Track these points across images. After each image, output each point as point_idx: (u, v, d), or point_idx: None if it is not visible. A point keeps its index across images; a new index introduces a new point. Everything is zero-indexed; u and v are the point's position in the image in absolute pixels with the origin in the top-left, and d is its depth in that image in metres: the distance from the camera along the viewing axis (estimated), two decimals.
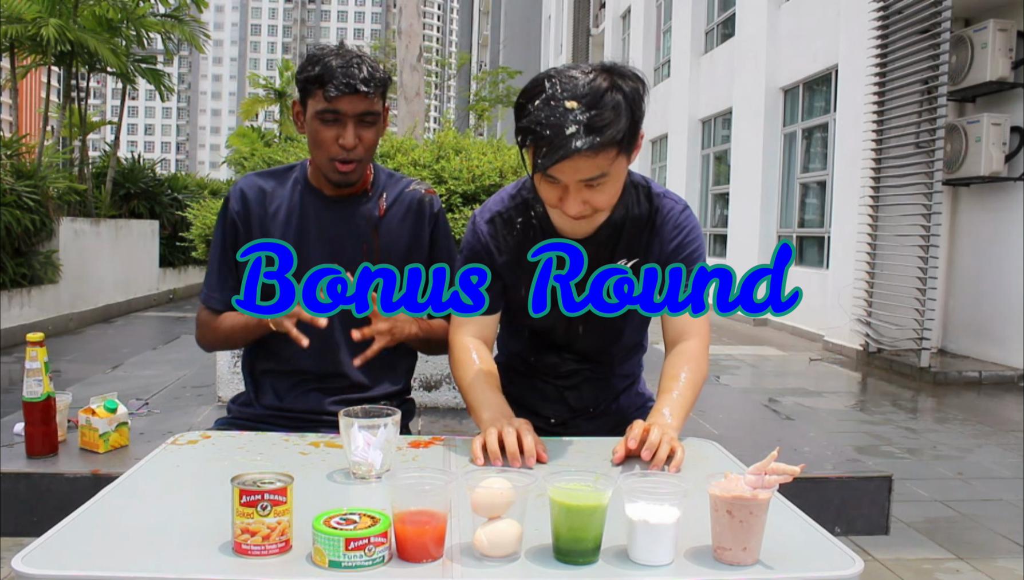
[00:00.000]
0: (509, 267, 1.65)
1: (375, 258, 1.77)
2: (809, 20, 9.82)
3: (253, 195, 1.80)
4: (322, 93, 1.66)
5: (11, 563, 0.97)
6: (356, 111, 1.68)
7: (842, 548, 1.07)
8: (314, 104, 1.69)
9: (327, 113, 1.67)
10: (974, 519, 3.51)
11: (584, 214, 1.48)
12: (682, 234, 1.64)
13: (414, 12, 6.06)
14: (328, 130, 1.69)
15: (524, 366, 1.80)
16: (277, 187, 1.81)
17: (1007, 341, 7.04)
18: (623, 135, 1.41)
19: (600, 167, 1.42)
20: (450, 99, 69.79)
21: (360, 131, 1.70)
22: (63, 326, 8.80)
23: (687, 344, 1.64)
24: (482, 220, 1.67)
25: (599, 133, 1.37)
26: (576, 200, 1.45)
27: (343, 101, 1.66)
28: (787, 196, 10.63)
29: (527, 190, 1.65)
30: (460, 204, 3.37)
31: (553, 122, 1.37)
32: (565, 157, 1.37)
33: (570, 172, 1.41)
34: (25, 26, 9.44)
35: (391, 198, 1.82)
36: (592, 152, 1.38)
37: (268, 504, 1.01)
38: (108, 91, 66.08)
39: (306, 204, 1.79)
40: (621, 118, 1.39)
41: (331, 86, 1.65)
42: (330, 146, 1.70)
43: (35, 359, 2.00)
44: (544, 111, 1.39)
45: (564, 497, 1.02)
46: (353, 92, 1.65)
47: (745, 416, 3.58)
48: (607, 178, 1.44)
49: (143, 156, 14.00)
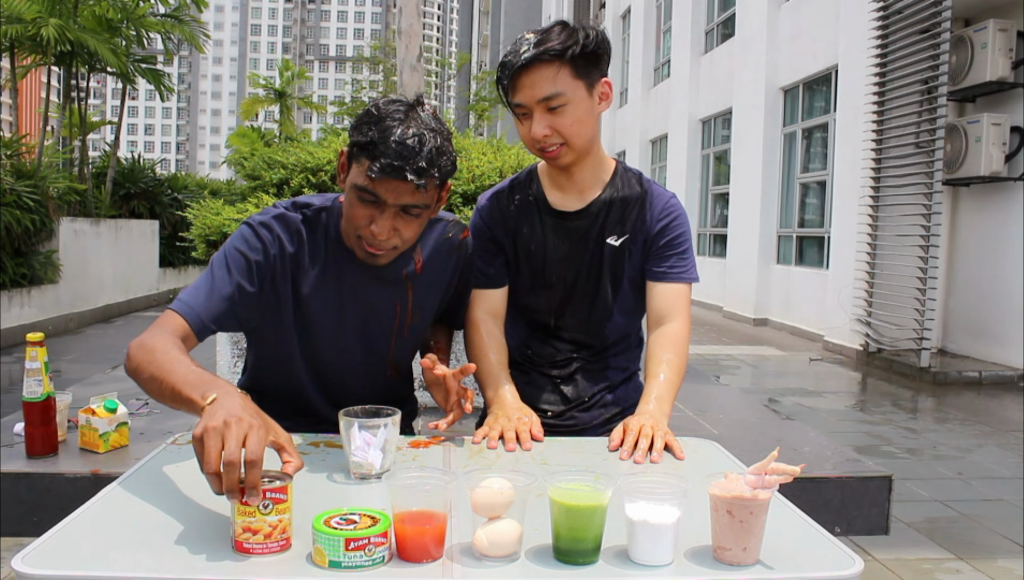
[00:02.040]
0: (508, 241, 1.76)
1: (407, 318, 1.63)
2: (809, 20, 9.82)
3: (292, 251, 1.51)
4: (367, 165, 1.37)
5: (11, 563, 0.97)
6: (399, 201, 1.39)
7: (842, 548, 1.07)
8: (356, 172, 1.40)
9: (366, 193, 1.39)
10: (974, 519, 3.51)
11: (550, 141, 1.59)
12: (670, 216, 1.74)
13: (414, 12, 6.06)
14: (362, 209, 1.41)
15: (521, 358, 1.84)
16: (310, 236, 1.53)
17: (1007, 341, 7.04)
18: (571, 50, 1.54)
19: (554, 84, 1.55)
20: (450, 99, 69.79)
21: (399, 223, 1.42)
22: (63, 326, 8.80)
23: (670, 326, 1.72)
24: (484, 199, 1.79)
25: (545, 45, 1.54)
26: (540, 124, 1.58)
27: (385, 186, 1.37)
28: (787, 196, 10.63)
29: (526, 173, 1.79)
30: (460, 204, 3.37)
31: (513, 50, 1.58)
32: (517, 71, 1.55)
33: (527, 91, 1.57)
34: (25, 26, 9.45)
35: (427, 251, 1.62)
36: (540, 65, 1.54)
37: (270, 502, 1.01)
38: (108, 91, 66.08)
39: (337, 262, 1.54)
40: (571, 40, 1.55)
41: (378, 165, 1.34)
42: (361, 226, 1.43)
43: (35, 359, 2.00)
44: (511, 49, 1.59)
45: (564, 497, 1.02)
46: (401, 179, 1.36)
47: (745, 416, 3.58)
48: (566, 99, 1.57)
49: (143, 156, 14.01)
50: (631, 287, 1.77)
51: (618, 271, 1.75)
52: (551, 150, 1.61)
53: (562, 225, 1.73)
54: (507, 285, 1.79)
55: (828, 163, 9.51)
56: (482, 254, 1.76)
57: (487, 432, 1.57)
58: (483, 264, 1.76)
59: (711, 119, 13.53)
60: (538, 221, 1.74)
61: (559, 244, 1.73)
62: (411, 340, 1.71)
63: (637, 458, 1.44)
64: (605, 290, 1.75)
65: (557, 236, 1.73)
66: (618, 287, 1.76)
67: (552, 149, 1.61)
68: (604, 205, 1.72)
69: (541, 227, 1.74)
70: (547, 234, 1.73)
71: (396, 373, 1.73)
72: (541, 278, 1.76)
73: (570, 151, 1.63)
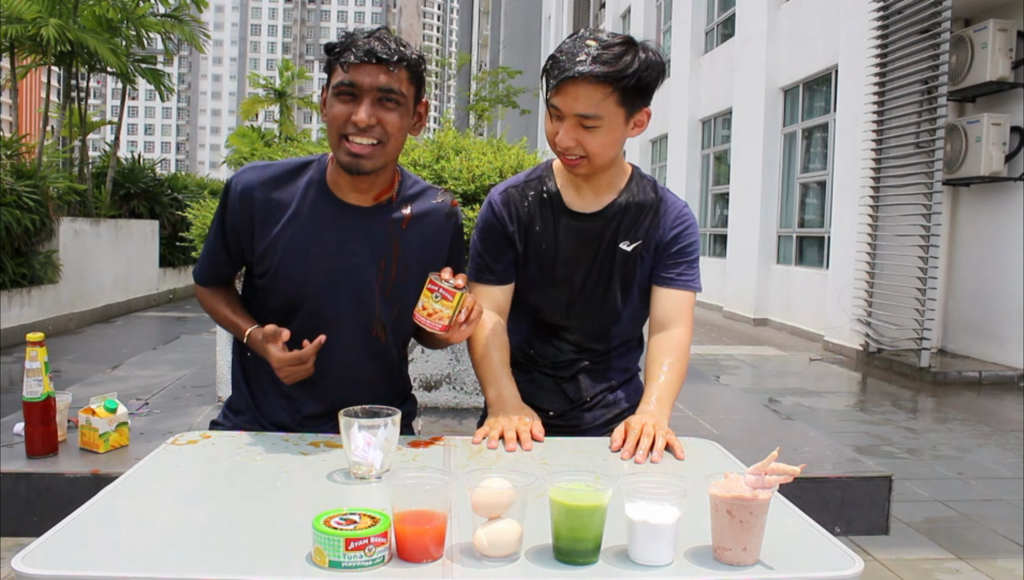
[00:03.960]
0: (519, 237, 1.74)
1: (391, 273, 1.63)
2: (809, 20, 9.82)
3: (259, 194, 1.61)
4: (340, 64, 1.51)
5: (11, 563, 0.97)
6: (375, 84, 1.50)
7: (842, 548, 1.07)
8: (334, 80, 1.53)
9: (343, 86, 1.51)
10: (974, 519, 3.51)
11: (573, 152, 1.59)
12: (683, 225, 1.74)
13: (414, 12, 6.07)
14: (343, 105, 1.52)
15: (524, 358, 1.83)
16: (287, 185, 1.62)
17: (1007, 341, 7.04)
18: (625, 80, 1.52)
19: (596, 103, 1.53)
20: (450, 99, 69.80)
21: (379, 111, 1.52)
22: (63, 326, 8.80)
23: (673, 331, 1.72)
24: (497, 193, 1.77)
25: (604, 65, 1.51)
26: (569, 134, 1.57)
27: (360, 71, 1.50)
28: (787, 196, 10.63)
29: (541, 169, 1.78)
30: (460, 204, 3.37)
31: (569, 50, 1.54)
32: (568, 78, 1.51)
33: (570, 100, 1.54)
34: (25, 26, 9.44)
35: (417, 210, 1.66)
36: (592, 80, 1.51)
37: (439, 294, 1.44)
38: (108, 91, 66.12)
39: (319, 209, 1.61)
40: (630, 66, 1.52)
41: (350, 53, 1.50)
42: (342, 125, 1.52)
43: (35, 359, 2.00)
44: (570, 44, 1.56)
45: (564, 497, 1.02)
46: (374, 62, 1.50)
47: (745, 416, 3.59)
48: (601, 122, 1.55)
49: (143, 156, 13.99)
50: (640, 293, 1.77)
51: (628, 276, 1.74)
52: (571, 160, 1.61)
53: (576, 225, 1.72)
54: (513, 282, 1.77)
55: (828, 163, 9.51)
56: (491, 249, 1.75)
57: (487, 432, 1.56)
58: (491, 260, 1.75)
59: (711, 119, 13.53)
60: (551, 219, 1.72)
61: (570, 244, 1.72)
62: (397, 303, 1.65)
63: (638, 458, 1.45)
64: (614, 294, 1.75)
65: (569, 236, 1.72)
66: (628, 292, 1.76)
67: (572, 159, 1.61)
68: (619, 209, 1.72)
69: (554, 225, 1.72)
70: (559, 233, 1.72)
71: (384, 336, 1.68)
72: (549, 277, 1.75)
73: (588, 165, 1.62)
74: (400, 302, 1.65)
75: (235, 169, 12.36)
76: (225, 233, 1.66)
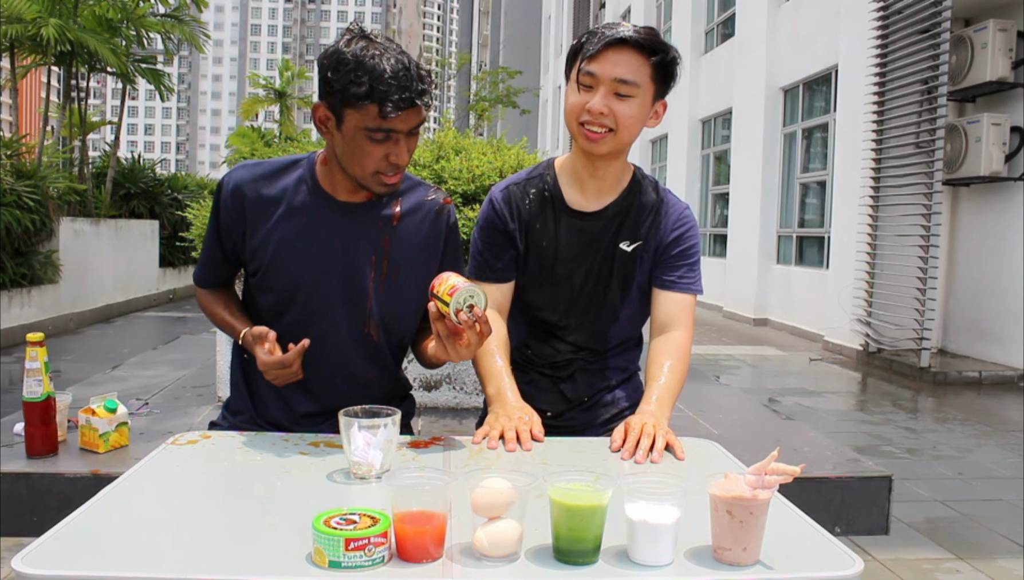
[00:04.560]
0: (520, 235, 1.74)
1: (383, 270, 1.64)
2: (809, 20, 9.82)
3: (250, 192, 1.62)
4: (376, 110, 1.46)
5: (11, 563, 0.97)
6: (410, 126, 1.52)
7: (842, 548, 1.07)
8: (361, 118, 1.48)
9: (379, 132, 1.49)
10: (974, 519, 3.51)
11: (603, 122, 1.59)
12: (684, 227, 1.75)
13: (414, 12, 6.07)
14: (377, 147, 1.51)
15: (521, 358, 1.83)
16: (277, 183, 1.63)
17: (1007, 341, 7.04)
18: (662, 55, 1.60)
19: (636, 72, 1.58)
20: (450, 99, 69.76)
21: (409, 144, 1.55)
22: (63, 326, 8.80)
23: (674, 334, 1.72)
24: (498, 190, 1.77)
25: (646, 36, 1.59)
26: (603, 100, 1.58)
27: (398, 120, 1.48)
28: (787, 196, 10.63)
29: (543, 168, 1.78)
30: (460, 204, 3.37)
31: (611, 25, 1.61)
32: (612, 41, 1.57)
33: (610, 65, 1.58)
34: (25, 26, 9.44)
35: (407, 206, 1.67)
36: (635, 46, 1.57)
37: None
38: (108, 91, 66.11)
39: (312, 207, 1.62)
40: (663, 48, 1.60)
41: (390, 105, 1.45)
42: (378, 163, 1.53)
43: (35, 359, 2.00)
44: (604, 25, 1.62)
45: (564, 497, 1.02)
46: (411, 107, 1.48)
47: (745, 416, 3.58)
48: (636, 91, 1.59)
49: (143, 156, 14.00)
50: (639, 293, 1.77)
51: (628, 276, 1.74)
52: (596, 132, 1.60)
53: (576, 224, 1.72)
54: (513, 281, 1.77)
55: (828, 163, 9.51)
56: (492, 247, 1.75)
57: (487, 432, 1.56)
58: (492, 258, 1.75)
59: (711, 119, 13.53)
60: (552, 217, 1.73)
61: (571, 243, 1.72)
62: (390, 301, 1.65)
63: (638, 458, 1.44)
64: (614, 294, 1.75)
65: (570, 235, 1.72)
66: (627, 292, 1.76)
67: (598, 132, 1.60)
68: (620, 209, 1.72)
69: (555, 224, 1.73)
70: (560, 232, 1.72)
71: (376, 335, 1.67)
72: (549, 275, 1.75)
73: (613, 141, 1.62)
74: (392, 300, 1.65)
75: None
76: (219, 233, 1.67)
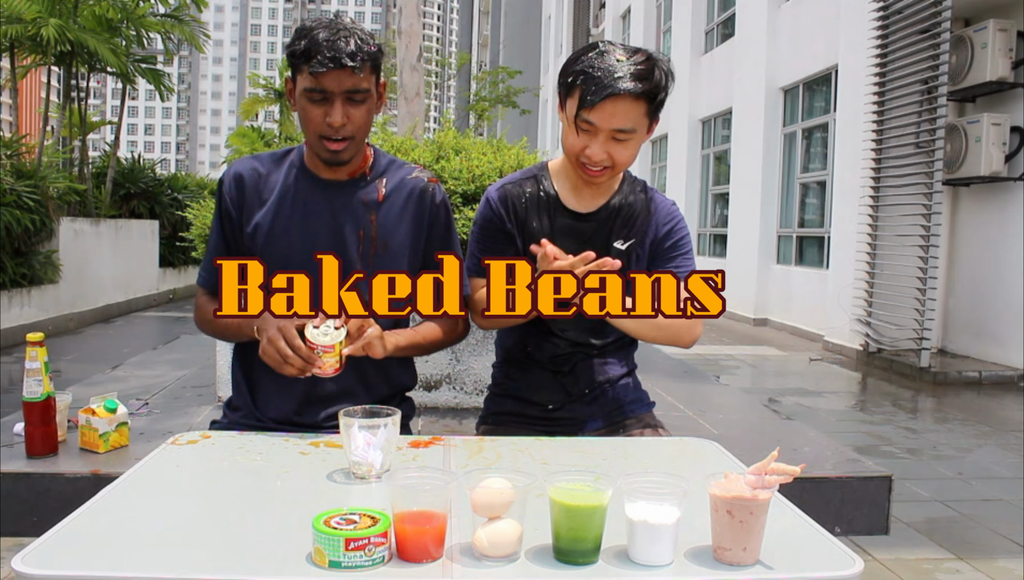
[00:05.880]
0: (517, 234, 1.77)
1: (371, 245, 1.72)
2: (809, 20, 9.82)
3: (249, 178, 1.74)
4: (308, 69, 1.59)
5: (11, 563, 0.97)
6: (343, 88, 1.61)
7: (842, 548, 1.07)
8: (302, 81, 1.63)
9: (314, 92, 1.61)
10: (974, 519, 3.51)
11: (604, 165, 1.65)
12: (673, 222, 1.81)
13: (414, 12, 6.07)
14: (315, 108, 1.63)
15: (521, 356, 1.85)
16: (273, 170, 1.76)
17: (1007, 341, 7.04)
18: (659, 94, 1.62)
19: (634, 118, 1.61)
20: (450, 99, 69.80)
21: (349, 109, 1.63)
22: (63, 326, 8.79)
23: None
24: (494, 189, 1.82)
25: (643, 81, 1.58)
26: (602, 148, 1.63)
27: (328, 78, 1.59)
28: (787, 196, 10.63)
29: (536, 169, 1.83)
30: (460, 204, 3.37)
31: (605, 67, 1.58)
32: (611, 95, 1.56)
33: (608, 116, 1.60)
34: (25, 26, 9.44)
35: (391, 184, 1.76)
36: (633, 97, 1.58)
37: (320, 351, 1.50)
38: (108, 91, 66.02)
39: (300, 187, 1.73)
40: (661, 81, 1.62)
41: (316, 61, 1.57)
42: (318, 125, 1.64)
43: (35, 359, 2.00)
44: (598, 60, 1.60)
45: (564, 497, 1.02)
46: (339, 67, 1.58)
47: (745, 416, 3.59)
48: (634, 135, 1.63)
49: (143, 156, 13.99)
50: None
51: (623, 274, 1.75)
52: (597, 171, 1.66)
53: (571, 225, 1.76)
54: None
55: (828, 163, 9.51)
56: (490, 246, 1.78)
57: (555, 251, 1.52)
58: (491, 256, 1.75)
59: (711, 119, 13.52)
60: (547, 218, 1.76)
61: (566, 243, 1.71)
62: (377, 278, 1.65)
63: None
64: None
65: (564, 234, 1.74)
66: None
67: (598, 170, 1.66)
68: (614, 210, 1.78)
69: (550, 224, 1.76)
70: (555, 232, 1.75)
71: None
72: None
73: (611, 173, 1.69)
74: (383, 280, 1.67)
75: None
76: (222, 224, 1.76)
